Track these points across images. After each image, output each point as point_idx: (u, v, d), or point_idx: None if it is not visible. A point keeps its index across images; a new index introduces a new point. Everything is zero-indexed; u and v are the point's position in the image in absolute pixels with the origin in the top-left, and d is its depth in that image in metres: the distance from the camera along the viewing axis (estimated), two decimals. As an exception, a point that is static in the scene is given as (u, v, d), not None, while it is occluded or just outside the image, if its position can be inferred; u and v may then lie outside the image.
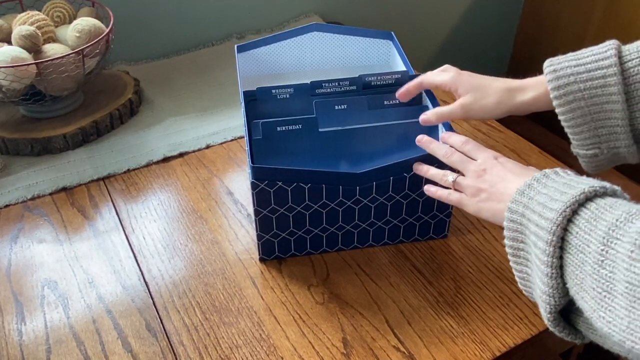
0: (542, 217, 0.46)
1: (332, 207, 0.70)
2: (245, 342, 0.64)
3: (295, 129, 0.69)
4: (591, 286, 0.42)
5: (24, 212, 0.84)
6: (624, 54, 0.56)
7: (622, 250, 0.39)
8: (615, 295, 0.39)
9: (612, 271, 0.40)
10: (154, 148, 0.95)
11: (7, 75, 0.85)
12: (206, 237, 0.78)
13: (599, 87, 0.56)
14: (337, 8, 1.41)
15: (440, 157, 0.64)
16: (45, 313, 0.69)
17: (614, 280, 0.40)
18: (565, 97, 0.58)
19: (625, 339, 0.38)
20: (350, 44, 0.92)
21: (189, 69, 1.17)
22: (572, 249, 0.44)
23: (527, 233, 0.49)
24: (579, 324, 0.47)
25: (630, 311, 0.38)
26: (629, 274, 0.38)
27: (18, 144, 0.93)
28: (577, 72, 0.57)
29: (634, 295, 0.38)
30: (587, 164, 0.62)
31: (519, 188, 0.51)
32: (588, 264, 0.42)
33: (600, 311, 0.41)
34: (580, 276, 0.43)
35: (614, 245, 0.40)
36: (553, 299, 0.46)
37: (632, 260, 0.38)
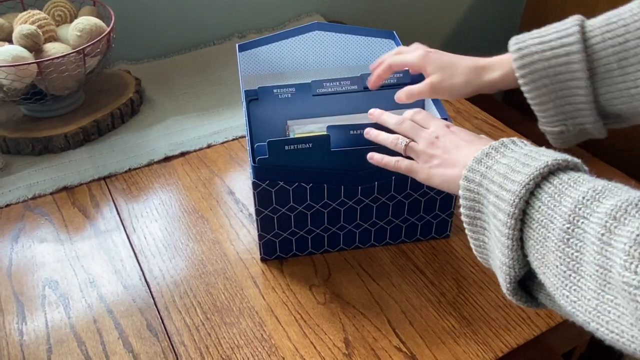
0: (502, 189, 0.45)
1: (333, 207, 0.70)
2: (246, 342, 0.64)
3: (305, 148, 0.66)
4: (554, 263, 0.41)
5: (25, 211, 0.84)
6: (587, 29, 0.56)
7: (591, 232, 0.38)
8: (582, 276, 0.39)
9: (580, 251, 0.39)
10: (155, 147, 0.95)
11: (8, 75, 0.85)
12: (207, 237, 0.78)
13: (563, 65, 0.56)
14: (338, 7, 1.41)
15: (391, 126, 0.62)
16: (46, 313, 0.69)
17: (582, 261, 0.39)
18: (530, 76, 0.57)
19: (591, 321, 0.38)
20: (352, 43, 0.91)
21: (190, 68, 1.17)
22: (533, 224, 0.43)
23: (485, 203, 0.48)
24: (537, 292, 0.47)
25: (600, 294, 0.38)
26: (599, 257, 0.37)
27: (19, 143, 0.93)
28: (541, 50, 0.57)
29: (604, 279, 0.37)
30: (555, 140, 0.62)
31: (475, 156, 0.50)
32: (551, 240, 0.41)
33: (565, 289, 0.40)
34: (542, 251, 0.42)
35: (580, 224, 0.40)
36: (513, 270, 0.45)
37: (603, 244, 0.37)
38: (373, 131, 0.64)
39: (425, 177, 0.58)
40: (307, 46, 0.90)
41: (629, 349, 0.36)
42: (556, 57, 0.56)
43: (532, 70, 0.57)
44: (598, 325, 0.38)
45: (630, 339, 0.36)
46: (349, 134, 0.66)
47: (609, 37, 0.54)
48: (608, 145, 1.41)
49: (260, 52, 0.89)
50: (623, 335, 0.36)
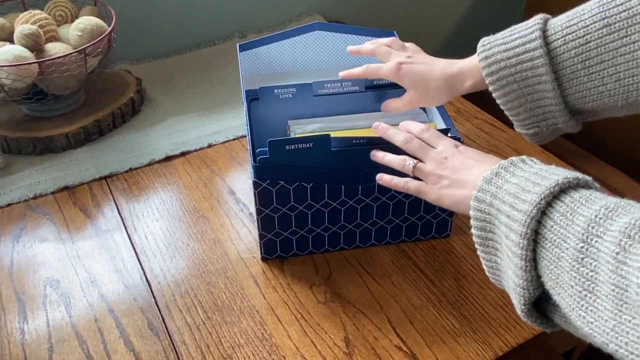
0: (514, 209, 0.45)
1: (334, 206, 0.70)
2: (247, 342, 0.64)
3: (305, 147, 0.66)
4: (569, 283, 0.41)
5: (26, 211, 0.84)
6: (549, 32, 0.56)
7: (606, 250, 0.38)
8: (598, 296, 0.39)
9: (595, 270, 0.39)
10: (156, 147, 0.95)
11: (9, 74, 0.85)
12: (208, 237, 0.78)
13: (528, 70, 0.56)
14: (339, 7, 1.41)
15: (399, 144, 0.62)
16: (48, 312, 0.69)
17: (597, 281, 0.39)
18: (499, 82, 0.58)
19: (609, 342, 0.38)
20: (353, 43, 0.91)
21: (191, 68, 1.17)
22: (546, 243, 0.43)
23: (497, 224, 0.47)
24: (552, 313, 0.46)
25: (617, 314, 0.37)
26: (615, 276, 0.37)
27: (20, 143, 0.93)
28: (506, 57, 0.57)
29: (621, 299, 0.37)
30: (531, 140, 0.63)
31: (485, 176, 0.50)
32: (565, 260, 0.41)
33: (581, 310, 0.40)
34: (556, 272, 0.42)
35: (594, 243, 0.39)
36: (527, 292, 0.45)
37: (618, 263, 0.37)
38: (379, 153, 0.65)
39: (435, 198, 0.58)
40: (308, 46, 0.90)
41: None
42: (521, 63, 0.56)
43: (500, 77, 0.58)
44: (617, 347, 0.37)
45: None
46: (352, 143, 0.66)
47: (570, 38, 0.54)
48: (608, 145, 1.41)
49: (261, 52, 0.89)
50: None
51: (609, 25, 0.52)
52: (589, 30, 0.53)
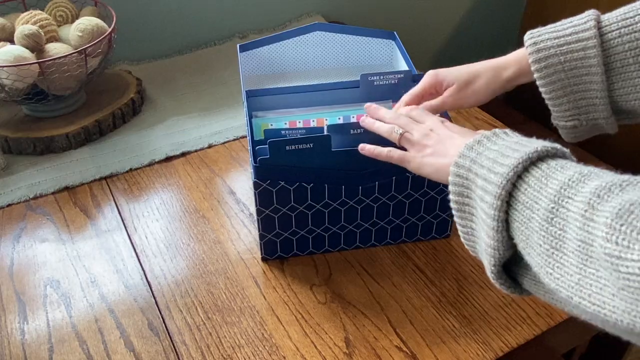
0: (491, 172, 0.45)
1: (334, 206, 0.70)
2: (247, 342, 0.64)
3: (305, 148, 0.65)
4: (538, 242, 0.41)
5: (27, 211, 0.84)
6: (603, 24, 0.56)
7: (575, 209, 0.39)
8: (564, 252, 0.39)
9: (562, 229, 0.40)
10: (156, 147, 0.95)
11: (10, 75, 0.85)
12: (208, 237, 0.78)
13: (579, 59, 0.56)
14: (339, 8, 1.41)
15: (388, 120, 0.62)
16: (48, 312, 0.69)
17: (564, 239, 0.39)
18: (546, 70, 0.58)
19: (573, 295, 0.39)
20: (353, 43, 0.91)
21: (191, 69, 1.17)
22: (518, 205, 0.44)
23: (474, 188, 0.48)
24: (521, 277, 0.47)
25: (582, 269, 0.38)
26: (582, 232, 0.38)
27: (21, 143, 0.93)
28: (557, 44, 0.57)
29: (586, 254, 0.38)
30: (567, 135, 0.62)
31: (467, 143, 0.50)
32: (535, 220, 0.42)
33: (548, 267, 0.41)
34: (527, 232, 0.43)
35: (564, 203, 0.40)
36: (498, 252, 0.46)
37: (585, 220, 0.38)
38: (368, 119, 0.64)
39: (416, 166, 0.58)
40: (308, 46, 0.90)
41: (609, 321, 0.36)
42: (572, 52, 0.56)
43: (547, 65, 0.58)
44: (580, 299, 0.38)
45: (612, 309, 0.36)
46: (350, 133, 0.66)
47: (626, 32, 0.54)
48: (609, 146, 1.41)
49: (261, 53, 0.89)
50: (604, 307, 0.36)
51: None
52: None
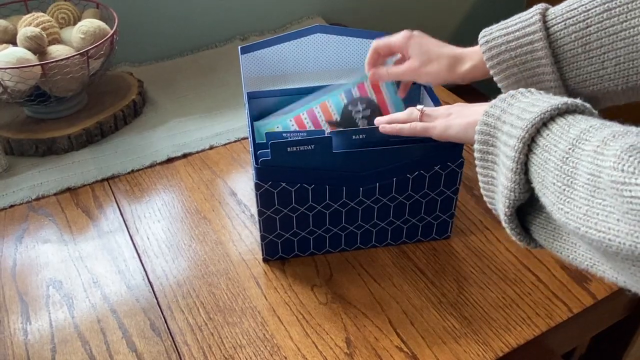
0: (519, 118, 0.47)
1: (335, 208, 0.71)
2: (249, 342, 0.65)
3: (307, 150, 0.65)
4: (552, 182, 0.43)
5: (29, 212, 0.84)
6: (549, 17, 0.58)
7: (589, 148, 0.41)
8: (574, 187, 0.41)
9: (575, 167, 0.42)
10: (157, 149, 0.96)
11: (12, 76, 0.85)
12: (210, 238, 0.79)
13: (528, 53, 0.59)
14: (339, 10, 1.41)
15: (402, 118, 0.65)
16: (50, 312, 0.69)
17: (576, 175, 0.41)
18: (499, 66, 0.61)
19: (581, 225, 0.40)
20: (354, 45, 0.92)
21: (193, 71, 1.18)
22: (538, 149, 0.46)
23: (499, 135, 0.50)
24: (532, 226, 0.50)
25: (589, 200, 0.40)
26: (591, 166, 0.40)
27: (23, 144, 0.93)
28: (507, 40, 0.60)
29: (594, 185, 0.39)
30: None
31: (500, 96, 0.52)
32: (551, 161, 0.44)
33: (560, 204, 0.43)
34: (542, 174, 0.45)
35: (580, 144, 0.42)
36: (513, 193, 0.48)
37: (596, 154, 0.40)
38: (382, 118, 0.67)
39: (442, 129, 0.60)
40: (309, 48, 0.91)
41: (612, 245, 0.38)
42: (521, 47, 0.59)
43: (500, 61, 0.61)
44: (587, 228, 0.40)
45: (616, 233, 0.38)
46: (352, 139, 0.67)
47: (571, 22, 0.56)
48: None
49: (262, 55, 0.89)
50: (609, 232, 0.38)
51: (610, 9, 0.53)
52: (589, 15, 0.55)
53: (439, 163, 0.69)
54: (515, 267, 0.73)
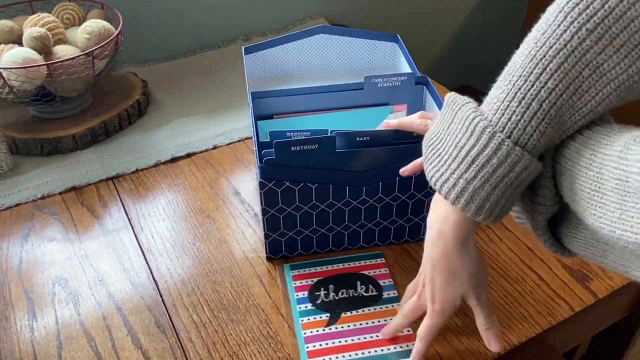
0: None
1: (338, 207, 0.71)
2: (253, 339, 0.65)
3: (311, 149, 0.66)
4: (580, 188, 0.43)
5: (34, 211, 0.85)
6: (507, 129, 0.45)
7: (611, 153, 0.41)
8: (604, 192, 0.41)
9: (600, 172, 0.42)
10: (162, 148, 0.96)
11: (18, 76, 0.86)
12: (214, 236, 0.79)
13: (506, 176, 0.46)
14: (342, 11, 1.42)
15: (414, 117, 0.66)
16: (56, 310, 0.70)
17: (602, 180, 0.41)
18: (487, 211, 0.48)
19: (616, 229, 0.40)
20: (357, 46, 0.93)
21: (196, 71, 1.19)
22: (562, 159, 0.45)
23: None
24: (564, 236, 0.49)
25: (622, 204, 0.40)
26: (617, 171, 0.40)
27: (28, 144, 0.94)
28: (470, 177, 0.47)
29: (624, 190, 0.39)
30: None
31: None
32: (577, 168, 0.44)
33: (591, 209, 0.42)
34: (569, 182, 0.45)
35: (602, 149, 0.42)
36: (545, 207, 0.48)
37: (620, 159, 0.40)
38: (392, 121, 0.68)
39: None
40: (312, 49, 0.91)
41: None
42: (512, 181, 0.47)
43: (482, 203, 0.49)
44: (622, 231, 0.40)
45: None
46: (356, 140, 0.67)
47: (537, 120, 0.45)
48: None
49: (265, 55, 0.90)
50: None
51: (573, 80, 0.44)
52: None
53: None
54: (517, 266, 0.74)
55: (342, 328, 0.65)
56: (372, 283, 0.71)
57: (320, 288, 0.70)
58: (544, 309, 0.68)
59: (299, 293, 0.69)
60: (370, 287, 0.70)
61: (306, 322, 0.66)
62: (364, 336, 0.65)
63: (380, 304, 0.68)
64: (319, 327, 0.65)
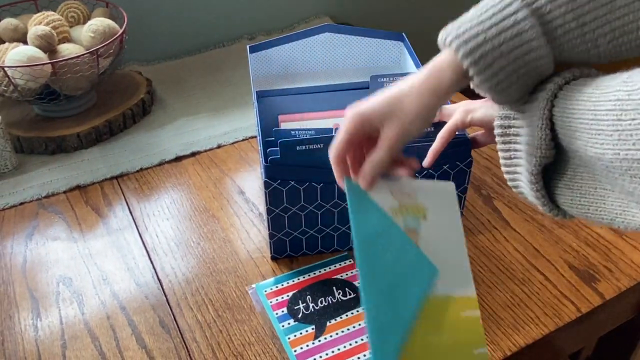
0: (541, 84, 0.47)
1: (343, 206, 0.71)
2: (257, 340, 0.65)
3: (316, 148, 0.66)
4: (579, 121, 0.42)
5: (39, 209, 0.85)
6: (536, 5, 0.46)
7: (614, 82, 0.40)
8: (600, 118, 0.40)
9: (598, 99, 0.41)
10: (166, 147, 0.96)
11: (23, 75, 0.86)
12: (218, 236, 0.79)
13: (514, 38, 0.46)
14: (347, 9, 1.41)
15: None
16: (61, 309, 0.70)
17: (599, 106, 0.40)
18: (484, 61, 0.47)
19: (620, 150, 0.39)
20: (362, 45, 0.92)
21: (201, 69, 1.18)
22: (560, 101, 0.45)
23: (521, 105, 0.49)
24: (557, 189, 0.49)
25: (617, 123, 0.39)
26: (619, 93, 0.39)
27: (32, 142, 0.94)
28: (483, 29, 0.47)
29: (621, 108, 0.39)
30: None
31: None
32: (575, 104, 0.43)
33: (592, 139, 0.41)
34: (567, 120, 0.44)
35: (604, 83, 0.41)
36: (540, 150, 0.46)
37: (624, 84, 0.39)
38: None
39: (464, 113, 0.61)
40: (318, 48, 0.91)
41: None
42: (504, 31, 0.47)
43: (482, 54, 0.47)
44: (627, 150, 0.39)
45: None
46: None
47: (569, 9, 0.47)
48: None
49: (270, 54, 0.90)
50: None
51: None
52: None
53: (448, 162, 0.69)
54: (524, 267, 0.73)
55: (331, 337, 0.64)
56: (347, 286, 0.70)
57: (297, 301, 0.68)
58: (551, 310, 0.68)
59: (277, 311, 0.67)
60: (347, 291, 0.69)
61: (293, 339, 0.64)
62: (355, 340, 0.64)
63: (360, 306, 0.68)
64: (308, 341, 0.64)
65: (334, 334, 0.65)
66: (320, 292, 0.69)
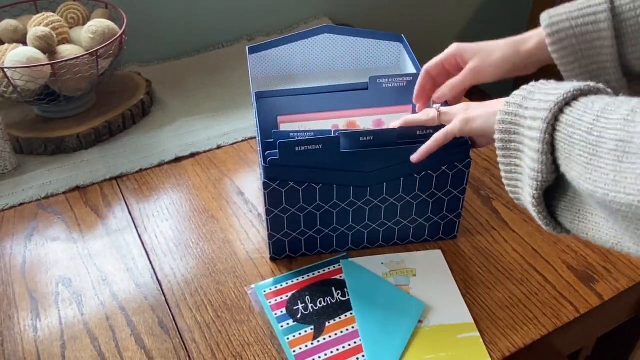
0: (542, 102, 0.48)
1: (342, 207, 0.71)
2: (256, 340, 0.65)
3: (315, 149, 0.66)
4: (578, 154, 0.44)
5: (38, 210, 0.85)
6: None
7: (617, 116, 0.41)
8: (600, 156, 0.42)
9: (600, 135, 0.42)
10: (165, 148, 0.96)
11: (22, 76, 0.86)
12: (217, 237, 0.79)
13: (590, 24, 0.58)
14: (346, 10, 1.42)
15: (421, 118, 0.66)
16: (60, 310, 0.70)
17: (601, 143, 0.42)
18: (558, 35, 0.60)
19: (609, 191, 0.41)
20: (361, 46, 0.92)
21: (200, 70, 1.18)
22: (562, 126, 0.46)
23: (522, 122, 0.50)
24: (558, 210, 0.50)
25: (617, 165, 0.40)
26: (621, 133, 0.40)
27: (32, 143, 0.94)
28: (569, 11, 0.59)
29: (622, 150, 0.40)
30: None
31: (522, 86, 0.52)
32: (577, 134, 0.44)
33: (587, 174, 0.43)
34: (568, 149, 0.45)
35: (606, 115, 0.42)
36: (541, 174, 0.48)
37: (626, 122, 0.40)
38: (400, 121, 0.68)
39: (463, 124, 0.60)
40: (317, 49, 0.91)
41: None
42: (583, 17, 0.58)
43: (559, 30, 0.59)
44: (616, 193, 0.40)
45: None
46: (359, 140, 0.67)
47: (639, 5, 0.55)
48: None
49: (270, 55, 0.90)
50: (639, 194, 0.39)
51: None
52: None
53: (447, 163, 0.70)
54: (522, 268, 0.73)
55: (330, 338, 0.64)
56: (346, 286, 0.70)
57: (297, 302, 0.68)
58: (549, 310, 0.68)
59: (276, 311, 0.68)
60: (346, 291, 0.70)
61: (292, 340, 0.64)
62: (354, 341, 0.64)
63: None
64: (307, 341, 0.64)
65: (332, 335, 0.65)
66: (319, 292, 0.70)
